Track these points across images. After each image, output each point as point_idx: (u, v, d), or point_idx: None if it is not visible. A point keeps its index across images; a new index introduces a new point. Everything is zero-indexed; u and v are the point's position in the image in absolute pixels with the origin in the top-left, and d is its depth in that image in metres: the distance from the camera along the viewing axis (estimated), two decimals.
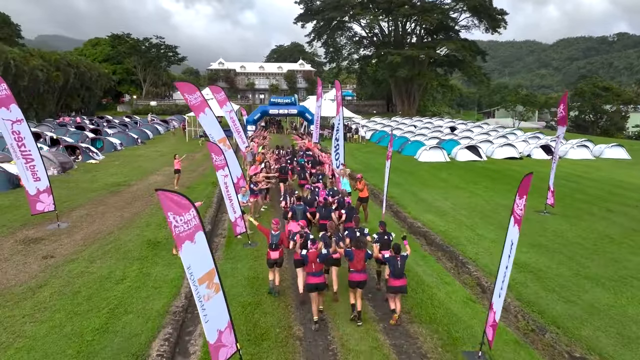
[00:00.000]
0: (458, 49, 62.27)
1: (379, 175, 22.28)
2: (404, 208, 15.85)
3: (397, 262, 7.92)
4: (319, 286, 7.92)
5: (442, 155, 27.70)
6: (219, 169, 11.28)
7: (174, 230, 5.25)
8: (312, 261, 7.95)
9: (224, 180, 11.35)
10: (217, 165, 11.26)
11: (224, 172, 11.33)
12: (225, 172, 11.33)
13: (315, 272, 7.92)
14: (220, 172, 11.32)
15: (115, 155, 28.04)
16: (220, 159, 11.23)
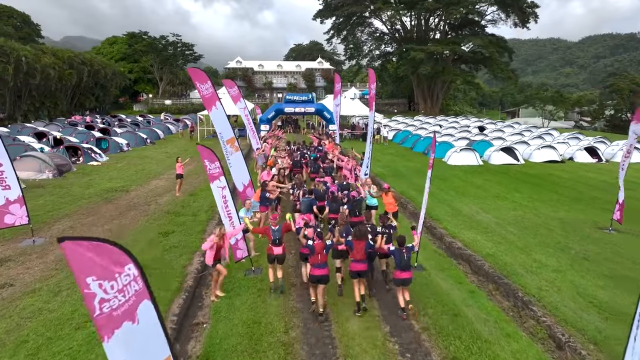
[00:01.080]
0: (485, 45, 58.96)
1: (405, 181, 19.90)
2: (439, 222, 13.42)
3: (402, 254, 7.90)
4: (323, 279, 7.82)
5: (475, 158, 25.07)
6: (214, 179, 9.12)
7: (96, 311, 3.06)
8: (319, 252, 7.85)
9: (221, 194, 9.18)
10: (212, 175, 9.10)
11: (221, 182, 9.15)
12: (222, 183, 9.15)
13: (320, 264, 7.83)
14: (215, 183, 9.15)
15: (120, 157, 26.30)
16: (215, 167, 9.06)
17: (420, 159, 26.98)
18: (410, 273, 7.90)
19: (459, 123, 45.65)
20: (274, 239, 8.69)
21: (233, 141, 12.66)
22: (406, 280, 7.86)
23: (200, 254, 10.71)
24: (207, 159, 9.01)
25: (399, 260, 7.85)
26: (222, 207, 9.21)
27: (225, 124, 12.45)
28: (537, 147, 26.82)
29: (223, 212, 9.25)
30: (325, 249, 7.97)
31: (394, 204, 11.48)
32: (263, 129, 30.70)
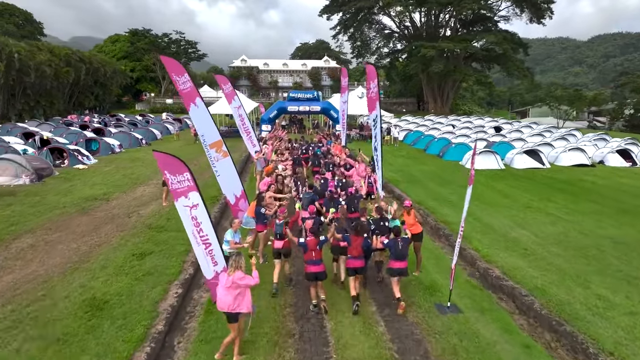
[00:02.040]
0: (499, 42, 56.42)
1: (421, 188, 17.75)
2: (469, 241, 11.26)
3: (397, 243, 7.87)
4: (319, 275, 7.71)
5: (496, 161, 22.86)
6: (179, 195, 7.00)
7: None
8: (312, 249, 7.72)
9: (189, 214, 7.07)
10: (176, 191, 6.99)
11: (188, 200, 7.03)
12: (192, 201, 7.04)
13: (315, 261, 7.69)
14: (181, 201, 7.02)
15: (110, 159, 24.38)
16: (181, 180, 6.95)
17: (436, 162, 24.81)
18: (405, 263, 7.89)
19: (472, 123, 43.32)
20: (276, 232, 8.51)
21: (220, 145, 10.64)
22: (402, 270, 7.83)
23: (179, 285, 8.71)
24: (169, 170, 6.90)
25: (394, 250, 7.83)
26: (193, 233, 7.12)
27: (208, 124, 10.44)
28: (563, 149, 24.52)
29: (195, 239, 7.15)
30: (319, 244, 7.81)
31: (417, 225, 9.34)
32: (264, 129, 28.63)
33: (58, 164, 21.35)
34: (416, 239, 9.28)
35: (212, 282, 7.33)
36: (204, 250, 7.16)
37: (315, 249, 7.73)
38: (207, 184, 17.50)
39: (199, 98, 10.35)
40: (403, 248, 7.89)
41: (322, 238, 7.96)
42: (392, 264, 7.88)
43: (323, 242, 7.95)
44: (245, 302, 6.37)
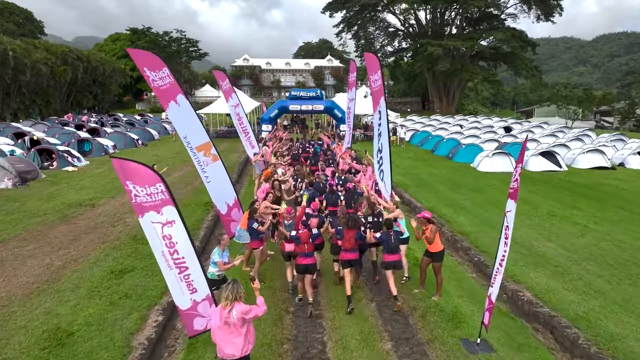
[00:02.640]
0: (507, 39, 54.90)
1: (432, 193, 16.47)
2: (490, 256, 9.97)
3: (390, 237, 7.86)
4: (310, 267, 7.62)
5: (510, 164, 21.52)
6: (146, 210, 5.69)
7: None
8: (305, 241, 7.60)
9: (159, 233, 5.75)
10: (141, 205, 5.66)
11: (161, 216, 5.71)
12: (167, 217, 5.73)
13: (307, 253, 7.61)
14: (149, 217, 5.69)
15: (102, 161, 23.18)
16: (151, 193, 5.62)
17: (445, 164, 23.52)
18: (398, 255, 7.98)
19: (480, 123, 41.98)
20: None
21: (208, 147, 9.38)
22: (395, 262, 7.87)
23: (160, 310, 7.48)
24: (133, 180, 5.57)
25: (387, 244, 7.83)
26: (164, 254, 5.82)
27: (192, 125, 9.18)
28: (581, 151, 23.18)
29: (165, 262, 5.85)
30: (311, 237, 7.79)
31: (438, 241, 8.05)
32: (265, 130, 27.34)
33: (46, 166, 20.19)
34: (435, 259, 8.00)
35: (188, 314, 6.07)
36: (177, 275, 5.88)
37: (308, 241, 7.65)
38: (198, 189, 16.30)
39: (181, 95, 9.09)
40: (396, 241, 7.93)
41: (314, 231, 7.93)
42: (386, 257, 7.86)
43: (316, 235, 7.96)
44: (252, 336, 5.15)
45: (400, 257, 8.11)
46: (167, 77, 9.05)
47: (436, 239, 7.99)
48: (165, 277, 5.90)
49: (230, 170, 21.07)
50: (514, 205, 6.47)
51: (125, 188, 5.57)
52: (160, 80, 8.90)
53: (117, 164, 5.53)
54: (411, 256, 9.89)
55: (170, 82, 9.09)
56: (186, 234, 5.95)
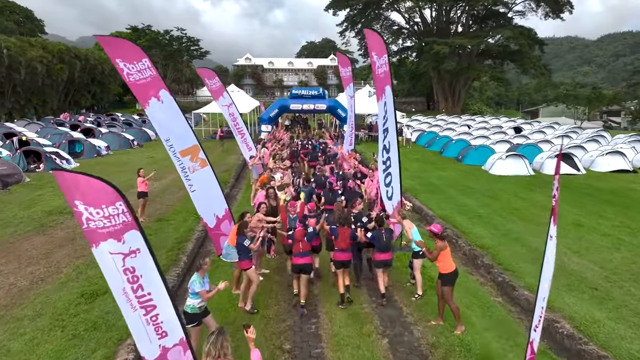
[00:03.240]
0: (515, 37, 53.41)
1: (445, 199, 15.20)
2: (517, 275, 8.72)
3: (381, 235, 7.74)
4: (305, 268, 7.47)
5: (524, 166, 20.27)
6: (102, 239, 4.40)
7: None
8: (299, 240, 7.47)
9: (119, 265, 4.49)
10: (95, 232, 4.38)
11: (122, 245, 4.45)
12: (130, 246, 4.48)
13: (302, 253, 7.45)
14: (106, 246, 4.39)
15: (94, 163, 22.09)
16: (109, 215, 4.33)
17: (455, 167, 22.25)
18: (390, 254, 7.82)
19: (489, 123, 40.64)
20: (289, 227, 8.25)
21: (196, 152, 8.18)
22: (387, 261, 7.77)
23: (132, 346, 6.28)
24: (84, 198, 4.31)
25: (378, 242, 7.73)
26: (125, 292, 4.58)
27: (177, 125, 8.00)
28: (600, 153, 21.85)
29: (126, 302, 4.60)
30: (307, 236, 7.60)
31: (448, 260, 6.83)
32: (264, 130, 26.07)
33: (32, 169, 19.08)
34: (445, 281, 6.77)
35: None
36: (142, 317, 4.65)
37: (303, 240, 7.51)
38: None
39: (164, 91, 7.92)
40: (387, 239, 7.80)
41: (309, 230, 7.71)
42: (377, 256, 7.79)
43: (311, 234, 7.70)
44: None
45: (391, 256, 7.92)
46: (148, 70, 7.89)
47: (446, 257, 6.77)
48: (127, 321, 4.66)
49: (227, 174, 20.02)
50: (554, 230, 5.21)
51: (73, 210, 4.34)
52: (138, 73, 7.72)
53: (61, 178, 4.30)
54: (425, 275, 8.67)
55: (151, 75, 7.93)
56: (154, 264, 4.74)
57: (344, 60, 16.42)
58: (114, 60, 7.41)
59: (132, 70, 7.64)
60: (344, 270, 7.74)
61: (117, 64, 7.44)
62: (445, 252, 6.84)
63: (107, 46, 7.33)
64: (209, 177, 8.54)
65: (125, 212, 4.49)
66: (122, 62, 7.45)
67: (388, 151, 9.15)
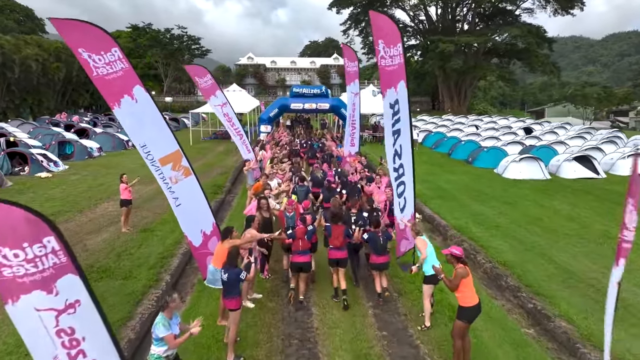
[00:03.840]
0: (523, 35, 51.97)
1: (458, 207, 13.95)
2: (553, 303, 7.49)
3: (378, 238, 7.55)
4: (304, 266, 7.45)
5: (540, 170, 19.01)
6: (23, 291, 3.18)
7: None
8: (300, 238, 7.40)
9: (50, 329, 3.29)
10: (13, 283, 3.22)
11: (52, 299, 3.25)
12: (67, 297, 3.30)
13: (302, 251, 7.41)
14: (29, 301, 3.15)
15: (84, 165, 20.97)
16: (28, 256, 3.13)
17: (465, 170, 21.00)
18: (386, 257, 7.62)
19: (497, 123, 39.35)
20: (287, 226, 8.07)
21: (178, 159, 7.02)
22: (382, 264, 7.59)
23: None
24: None
25: (375, 244, 7.54)
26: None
27: (155, 128, 6.84)
28: (621, 155, 20.56)
29: None
30: (307, 234, 7.50)
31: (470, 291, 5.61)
32: (263, 131, 24.81)
33: (17, 172, 17.97)
34: (462, 315, 5.58)
35: None
36: None
37: (303, 238, 7.45)
38: None
39: (139, 87, 6.76)
40: (384, 242, 7.59)
41: (309, 228, 7.63)
42: (373, 258, 7.62)
43: (311, 232, 7.66)
44: None
45: (389, 259, 7.68)
46: (119, 62, 6.70)
47: (467, 286, 5.56)
48: None
49: (224, 177, 18.85)
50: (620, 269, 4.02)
51: None
52: (106, 66, 6.53)
53: None
54: (445, 302, 7.47)
55: (123, 68, 6.75)
56: (101, 319, 3.55)
57: (350, 53, 15.20)
58: (76, 50, 6.21)
59: (99, 63, 6.44)
60: (340, 269, 7.58)
61: (79, 54, 6.24)
62: (467, 281, 5.62)
63: (67, 32, 6.12)
64: (193, 188, 7.35)
65: (56, 251, 3.31)
66: (86, 52, 6.25)
67: (400, 156, 7.93)
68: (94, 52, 6.34)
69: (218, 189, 16.10)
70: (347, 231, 7.65)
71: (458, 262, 5.68)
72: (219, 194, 15.52)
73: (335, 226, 7.58)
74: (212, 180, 17.70)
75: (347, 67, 15.27)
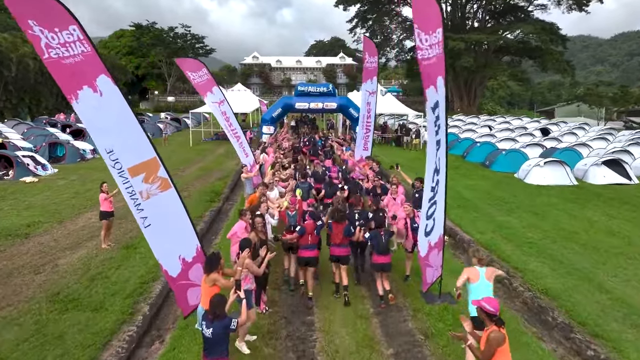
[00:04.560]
0: (537, 32, 50.18)
1: (481, 217, 12.47)
2: (615, 348, 6.01)
3: (380, 237, 7.39)
4: (311, 261, 7.42)
5: (566, 175, 17.48)
6: None
7: None
8: (309, 232, 7.36)
9: None
10: None
11: None
12: None
13: (310, 245, 7.38)
14: None
15: (75, 168, 19.70)
16: None
17: (483, 174, 19.51)
18: (388, 257, 7.40)
19: (511, 124, 37.71)
20: (289, 225, 7.80)
21: (154, 168, 5.66)
22: (385, 265, 7.36)
23: None
24: None
25: (377, 244, 7.38)
26: None
27: (124, 129, 5.46)
28: None
29: None
30: (316, 229, 7.45)
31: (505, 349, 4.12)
32: (265, 132, 23.32)
33: (1, 176, 16.72)
34: None
35: None
36: None
37: (312, 233, 7.39)
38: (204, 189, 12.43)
39: (105, 77, 5.36)
40: (386, 241, 7.44)
41: (319, 223, 7.58)
42: (375, 258, 7.40)
43: (320, 227, 7.58)
44: None
45: (390, 259, 7.46)
46: (79, 44, 5.26)
47: (504, 356, 4.07)
48: None
49: (222, 182, 17.42)
50: None
51: None
52: (62, 48, 5.11)
53: None
54: None
55: (84, 52, 5.32)
56: None
57: (371, 47, 13.72)
58: (24, 22, 4.77)
59: (54, 43, 5.02)
60: (341, 266, 7.52)
61: (29, 28, 4.80)
62: (503, 350, 4.09)
63: (18, 7, 4.72)
64: (172, 204, 5.96)
65: None
66: (38, 26, 4.84)
67: (438, 172, 6.48)
68: (46, 27, 4.92)
69: (215, 196, 14.74)
70: (347, 229, 7.49)
71: (491, 322, 4.18)
72: (216, 202, 14.16)
73: (335, 223, 7.51)
74: (209, 186, 16.36)
75: (366, 63, 13.82)
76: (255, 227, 6.82)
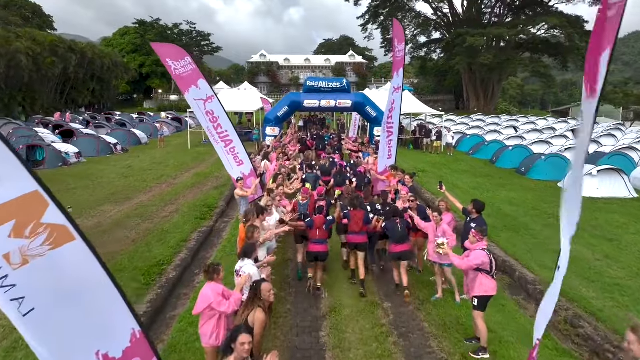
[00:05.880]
0: (562, 25, 47.04)
1: (538, 244, 9.83)
2: None
3: (396, 225, 7.26)
4: (320, 255, 7.36)
5: (623, 185, 14.81)
6: None
7: None
8: (318, 227, 7.32)
9: None
10: None
11: None
12: None
13: (319, 240, 7.33)
14: None
15: (51, 175, 17.34)
16: None
17: (521, 184, 16.86)
18: (407, 245, 7.23)
19: (535, 124, 34.88)
20: (300, 213, 7.89)
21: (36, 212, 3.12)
22: (403, 253, 7.16)
23: None
24: None
25: (394, 233, 7.23)
26: None
27: None
28: None
29: None
30: (325, 224, 7.37)
31: None
32: (269, 134, 20.66)
33: None
34: None
35: None
36: None
37: (321, 227, 7.32)
38: (165, 229, 9.89)
39: None
40: (403, 230, 7.23)
41: (329, 218, 7.51)
42: (393, 247, 7.24)
43: (330, 222, 7.47)
44: None
45: (410, 247, 7.34)
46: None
47: None
48: None
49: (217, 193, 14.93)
50: None
51: None
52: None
53: None
54: None
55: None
56: None
57: (400, 32, 11.13)
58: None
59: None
60: (359, 254, 7.40)
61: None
62: None
63: None
64: (78, 266, 3.43)
65: None
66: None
67: None
68: None
69: (207, 212, 12.27)
70: (366, 216, 7.44)
71: None
72: (207, 219, 11.68)
73: (354, 211, 7.42)
74: (202, 197, 13.91)
75: (396, 50, 11.21)
76: None
